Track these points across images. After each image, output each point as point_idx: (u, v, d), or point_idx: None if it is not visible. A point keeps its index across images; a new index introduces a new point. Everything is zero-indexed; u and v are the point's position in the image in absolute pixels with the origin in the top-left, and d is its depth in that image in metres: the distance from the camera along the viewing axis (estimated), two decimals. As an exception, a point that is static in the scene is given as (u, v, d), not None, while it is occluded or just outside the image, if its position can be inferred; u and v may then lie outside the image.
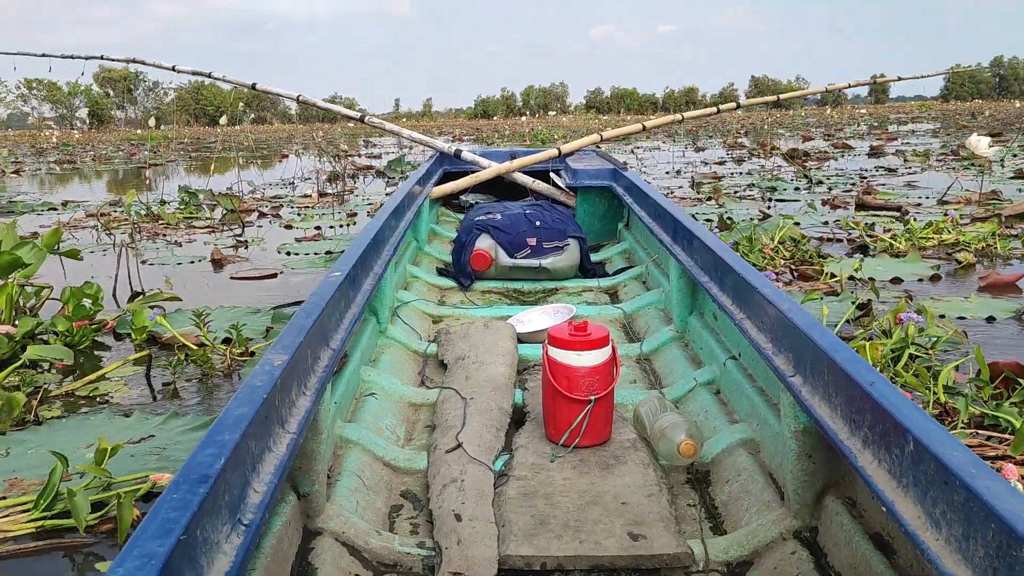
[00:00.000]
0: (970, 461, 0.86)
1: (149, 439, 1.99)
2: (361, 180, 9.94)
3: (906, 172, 8.67)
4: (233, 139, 21.67)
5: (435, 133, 31.00)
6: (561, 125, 29.12)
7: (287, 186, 9.36)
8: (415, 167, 10.70)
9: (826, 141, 15.71)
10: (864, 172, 8.76)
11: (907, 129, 20.98)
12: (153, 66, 5.08)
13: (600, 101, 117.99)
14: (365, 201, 7.46)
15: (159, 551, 0.72)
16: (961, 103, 51.98)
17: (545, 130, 21.21)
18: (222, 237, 5.53)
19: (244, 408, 1.01)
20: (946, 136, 16.32)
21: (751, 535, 1.32)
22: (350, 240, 4.75)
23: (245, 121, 22.01)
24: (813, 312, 2.57)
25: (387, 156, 14.98)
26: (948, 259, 3.94)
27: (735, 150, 13.43)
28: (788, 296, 1.50)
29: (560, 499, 1.43)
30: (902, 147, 13.07)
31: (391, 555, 1.31)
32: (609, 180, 3.87)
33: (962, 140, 13.95)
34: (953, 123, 23.01)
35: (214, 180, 9.88)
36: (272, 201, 7.69)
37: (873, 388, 1.04)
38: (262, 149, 19.77)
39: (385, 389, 1.93)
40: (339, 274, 1.73)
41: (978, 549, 0.80)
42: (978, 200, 5.87)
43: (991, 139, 5.13)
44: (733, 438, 1.61)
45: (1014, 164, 8.95)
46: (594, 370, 1.62)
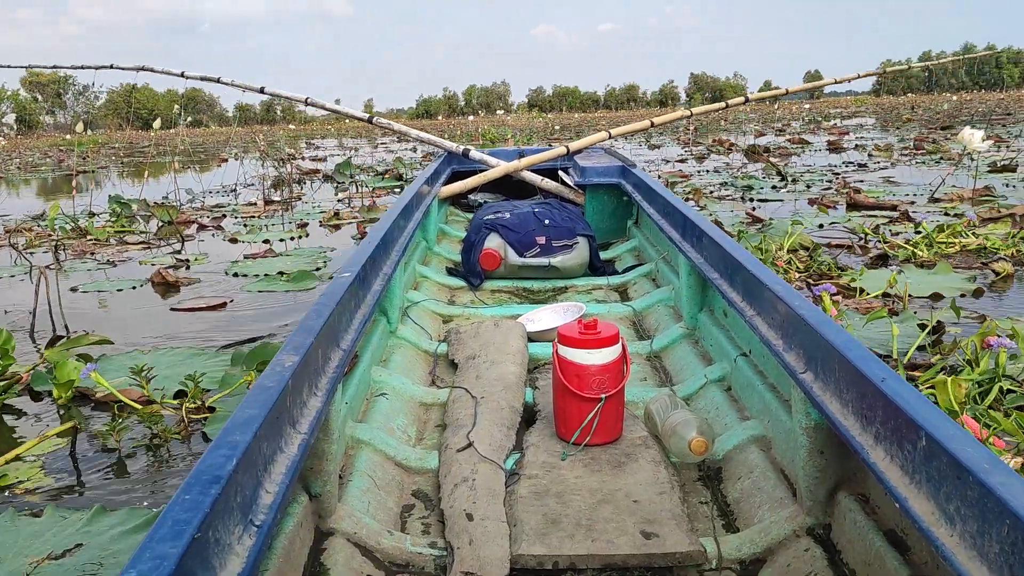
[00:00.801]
0: (984, 456, 0.85)
1: (76, 550, 1.47)
2: (308, 185, 9.45)
3: (877, 167, 8.46)
4: (168, 143, 20.84)
5: (378, 134, 30.54)
6: (507, 124, 28.69)
7: (229, 193, 8.72)
8: (364, 170, 10.43)
9: (779, 136, 15.47)
10: (834, 168, 8.56)
11: (853, 123, 20.82)
12: (162, 72, 5.11)
13: (542, 100, 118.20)
14: (316, 209, 6.93)
15: (171, 552, 0.72)
16: (893, 98, 51.73)
17: (493, 129, 20.48)
18: (159, 254, 4.96)
19: (255, 409, 1.01)
20: (896, 130, 16.15)
21: (764, 532, 1.31)
22: (305, 256, 4.44)
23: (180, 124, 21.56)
24: (880, 334, 2.47)
25: (332, 159, 14.49)
26: (981, 268, 3.53)
27: (691, 147, 13.20)
28: (798, 292, 1.49)
29: (572, 498, 1.43)
30: (859, 142, 12.86)
31: (403, 555, 1.31)
32: (618, 177, 3.86)
33: (921, 133, 13.83)
34: (895, 116, 22.87)
35: (149, 187, 9.14)
36: (213, 211, 7.12)
37: (885, 384, 1.04)
38: (199, 153, 19.01)
39: (396, 389, 1.93)
40: (349, 275, 1.73)
41: (993, 545, 0.79)
42: (971, 197, 5.63)
43: (984, 133, 4.94)
44: (744, 435, 1.61)
45: (987, 157, 8.66)
46: (604, 368, 1.62)
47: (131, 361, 2.56)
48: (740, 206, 5.78)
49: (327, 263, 4.34)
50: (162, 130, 6.77)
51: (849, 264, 3.71)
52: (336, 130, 41.46)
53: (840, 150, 11.35)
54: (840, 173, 7.94)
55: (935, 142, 11.34)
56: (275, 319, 3.23)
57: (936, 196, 5.80)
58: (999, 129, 14.18)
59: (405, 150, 16.45)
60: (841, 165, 8.88)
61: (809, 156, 10.57)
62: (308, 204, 7.37)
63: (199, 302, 3.58)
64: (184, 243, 5.36)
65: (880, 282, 3.18)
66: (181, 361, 2.62)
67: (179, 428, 2.10)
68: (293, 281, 3.85)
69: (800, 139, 13.40)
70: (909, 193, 6.13)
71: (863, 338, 2.46)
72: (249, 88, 5.07)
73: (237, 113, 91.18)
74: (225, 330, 3.09)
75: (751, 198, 6.27)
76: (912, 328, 2.52)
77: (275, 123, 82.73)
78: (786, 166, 8.70)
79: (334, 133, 35.86)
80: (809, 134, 15.79)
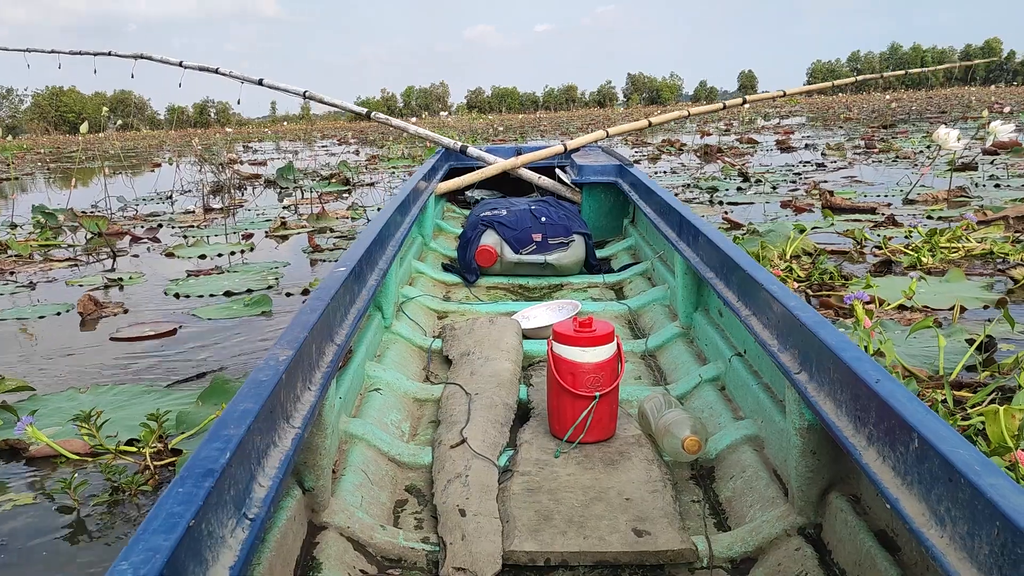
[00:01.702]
0: (975, 458, 0.85)
1: None
2: (250, 191, 8.79)
3: (835, 167, 8.33)
4: (97, 147, 19.55)
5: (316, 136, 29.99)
6: (448, 125, 28.24)
7: (164, 201, 8.10)
8: (307, 174, 10.03)
9: (726, 136, 15.22)
10: (793, 168, 8.42)
11: (790, 123, 20.64)
12: (160, 61, 5.11)
13: (481, 101, 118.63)
14: (260, 217, 6.37)
15: (164, 545, 0.72)
16: (824, 97, 51.76)
17: (436, 132, 20.80)
18: (88, 272, 4.41)
19: (249, 403, 1.01)
20: (839, 129, 15.99)
21: (755, 531, 1.32)
22: (254, 272, 4.02)
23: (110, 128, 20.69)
24: (928, 347, 2.30)
25: (273, 163, 13.70)
26: (995, 275, 3.30)
27: (640, 147, 13.02)
28: (793, 292, 1.49)
29: (564, 495, 1.43)
30: (808, 141, 12.80)
31: (395, 550, 1.31)
32: (615, 176, 3.86)
33: (865, 132, 13.72)
34: (830, 116, 22.67)
35: (76, 195, 8.30)
36: (148, 220, 6.48)
37: (879, 385, 1.04)
38: (131, 158, 18.00)
39: (390, 384, 1.93)
40: (344, 269, 1.73)
41: (983, 546, 0.80)
42: (946, 198, 5.47)
43: (958, 132, 4.85)
44: (738, 434, 1.61)
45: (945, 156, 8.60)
46: (599, 366, 1.62)
47: (67, 403, 2.25)
48: (711, 210, 5.59)
49: (279, 280, 3.90)
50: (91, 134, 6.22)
51: (853, 272, 3.45)
52: (273, 133, 40.17)
53: (790, 149, 11.22)
54: (801, 173, 7.81)
55: (885, 140, 11.28)
56: (231, 348, 2.83)
57: (910, 198, 5.67)
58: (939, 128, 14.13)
59: (348, 153, 15.74)
60: (799, 164, 8.79)
61: (762, 155, 10.38)
62: (251, 211, 6.82)
63: (142, 329, 3.09)
64: (116, 259, 4.78)
65: (893, 292, 2.93)
66: (128, 401, 2.28)
67: (146, 478, 1.77)
68: (252, 306, 3.36)
69: (749, 139, 13.27)
70: (880, 194, 6.00)
71: (905, 355, 2.24)
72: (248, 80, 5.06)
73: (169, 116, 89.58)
74: (174, 362, 2.70)
75: (720, 201, 6.05)
76: (957, 344, 2.30)
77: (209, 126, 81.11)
78: (744, 166, 8.49)
79: (271, 136, 34.64)
80: (755, 133, 15.66)
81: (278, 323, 3.15)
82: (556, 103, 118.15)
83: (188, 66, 5.06)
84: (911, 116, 18.67)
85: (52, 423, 2.12)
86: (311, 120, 77.13)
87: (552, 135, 20.68)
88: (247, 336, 2.98)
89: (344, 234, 5.33)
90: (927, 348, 2.36)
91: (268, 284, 3.81)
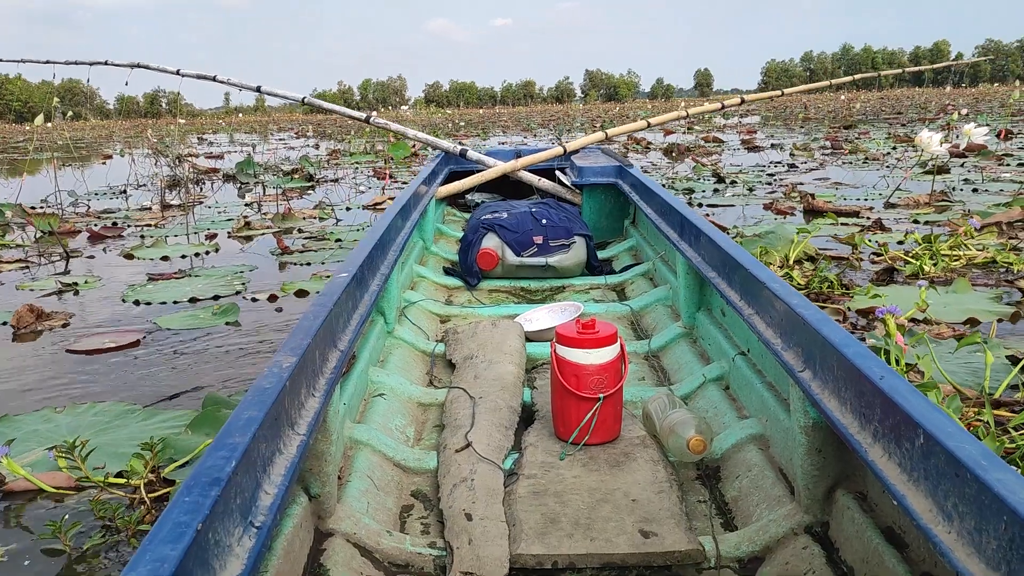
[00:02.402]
0: (981, 453, 0.85)
1: None
2: (208, 186, 8.43)
3: (806, 167, 8.18)
4: (46, 138, 18.61)
5: (272, 129, 29.32)
6: (407, 119, 27.92)
7: (118, 195, 7.69)
8: (268, 169, 9.60)
9: (688, 134, 15.06)
10: (764, 168, 8.24)
11: (749, 121, 20.47)
12: (157, 70, 5.10)
13: (439, 95, 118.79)
14: (222, 215, 6.05)
15: (171, 555, 0.72)
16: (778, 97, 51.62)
17: None
18: (40, 274, 4.10)
19: (254, 411, 1.01)
20: (800, 129, 15.78)
21: (762, 531, 1.32)
22: (219, 277, 3.79)
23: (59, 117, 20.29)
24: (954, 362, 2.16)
25: (230, 156, 13.16)
26: (1000, 286, 3.12)
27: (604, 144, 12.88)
28: (796, 290, 1.49)
29: (570, 497, 1.43)
30: (773, 140, 12.58)
31: (402, 555, 1.31)
32: (615, 177, 3.86)
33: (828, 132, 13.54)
34: (791, 116, 22.30)
35: (25, 188, 7.68)
36: (103, 217, 6.17)
37: (883, 382, 1.04)
38: (80, 149, 17.27)
39: (394, 389, 1.93)
40: (346, 275, 1.73)
41: (991, 541, 0.80)
42: (928, 202, 5.33)
43: (941, 136, 4.69)
44: (743, 434, 1.61)
45: (912, 157, 8.39)
46: (602, 368, 1.62)
47: (43, 425, 2.07)
48: None
49: (246, 285, 3.67)
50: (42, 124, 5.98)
51: (853, 280, 3.29)
52: (228, 125, 39.17)
53: (757, 149, 10.98)
54: (775, 174, 7.62)
55: (850, 141, 11.13)
56: (200, 362, 2.61)
57: (891, 201, 5.52)
58: (899, 129, 14.03)
59: (307, 147, 15.30)
60: (770, 165, 8.58)
61: (730, 155, 10.15)
62: (211, 209, 6.53)
63: (102, 340, 2.83)
64: (70, 260, 4.45)
65: (900, 302, 2.71)
66: (109, 424, 2.07)
67: (142, 514, 1.57)
68: (220, 315, 3.12)
69: (715, 138, 13.05)
70: (859, 197, 5.83)
71: (951, 371, 2.13)
72: (246, 87, 5.07)
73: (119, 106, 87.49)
74: (143, 377, 2.47)
75: (700, 203, 5.85)
76: (983, 359, 2.09)
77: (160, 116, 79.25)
78: (716, 166, 8.27)
79: (226, 128, 33.69)
80: (716, 131, 15.39)
81: (248, 333, 2.92)
82: (514, 98, 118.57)
83: (186, 74, 5.06)
84: (868, 117, 18.48)
85: (27, 448, 1.92)
86: (266, 112, 74.60)
87: (514, 131, 20.47)
88: (216, 348, 2.76)
89: (313, 235, 5.05)
90: (954, 364, 2.22)
91: (235, 290, 3.58)
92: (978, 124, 4.79)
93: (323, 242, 4.77)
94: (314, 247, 4.61)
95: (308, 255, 4.38)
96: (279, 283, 3.67)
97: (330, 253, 4.41)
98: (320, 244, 4.71)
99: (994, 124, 13.07)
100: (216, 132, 30.14)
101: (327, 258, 4.30)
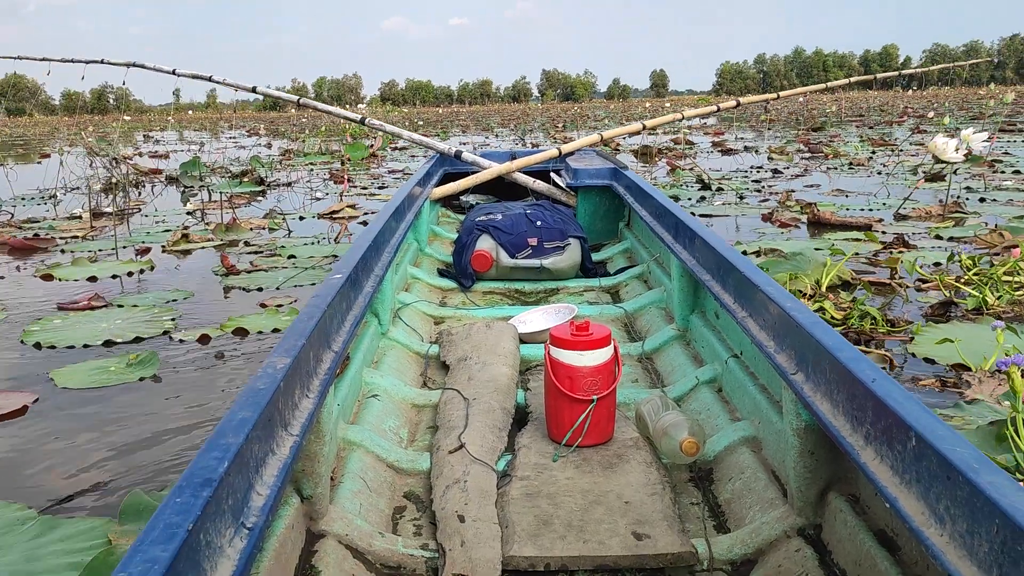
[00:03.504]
0: (973, 456, 0.85)
1: None
2: (148, 190, 7.74)
3: (792, 174, 7.69)
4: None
5: (224, 126, 28.50)
6: None
7: (47, 201, 6.86)
8: (215, 170, 8.93)
9: (653, 136, 14.24)
10: (744, 173, 7.85)
11: (713, 122, 19.89)
12: (153, 69, 5.09)
13: (395, 93, 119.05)
14: (160, 226, 5.32)
15: (162, 556, 0.72)
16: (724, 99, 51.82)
17: None
18: None
19: (247, 411, 1.01)
20: (768, 131, 15.27)
21: (755, 533, 1.32)
22: (146, 307, 3.12)
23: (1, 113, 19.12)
24: None
25: (177, 155, 12.19)
26: None
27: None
28: (790, 293, 1.50)
29: (563, 499, 1.43)
30: (742, 143, 12.15)
31: (395, 557, 1.31)
32: (610, 179, 3.87)
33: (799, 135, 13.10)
34: (752, 118, 21.64)
35: None
36: (25, 226, 5.38)
37: (875, 385, 1.04)
38: (18, 146, 16.10)
39: (387, 391, 1.93)
40: (340, 276, 1.73)
41: (982, 544, 0.80)
42: (942, 214, 4.99)
43: (956, 142, 4.26)
44: (735, 436, 1.61)
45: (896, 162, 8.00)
46: (596, 370, 1.62)
47: None
48: None
49: (176, 322, 2.94)
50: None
51: (900, 315, 2.72)
52: (177, 122, 37.70)
53: (730, 152, 10.53)
54: (760, 180, 7.13)
55: (827, 144, 10.66)
56: (107, 437, 1.98)
57: (901, 212, 5.19)
58: (867, 131, 13.71)
59: (259, 146, 14.47)
60: (752, 170, 8.11)
61: (704, 158, 9.55)
62: (148, 217, 5.80)
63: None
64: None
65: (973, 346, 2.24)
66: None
67: None
68: (135, 367, 2.45)
69: (686, 140, 12.57)
70: (863, 207, 5.44)
71: None
72: (241, 87, 5.06)
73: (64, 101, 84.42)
74: (30, 466, 1.84)
75: (693, 214, 4.77)
76: None
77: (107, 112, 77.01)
78: (696, 171, 7.73)
79: (175, 125, 32.27)
80: (683, 132, 14.77)
81: (169, 394, 2.27)
82: (471, 97, 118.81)
83: (181, 74, 5.05)
84: (831, 119, 18.01)
85: None
86: (218, 109, 71.82)
87: (473, 130, 20.18)
88: (125, 417, 2.11)
89: (262, 249, 4.38)
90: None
91: (163, 328, 2.86)
92: (976, 130, 4.69)
93: (274, 259, 4.12)
94: (264, 264, 3.97)
95: (257, 277, 3.68)
96: (221, 315, 3.01)
97: (283, 274, 3.70)
98: (271, 261, 4.06)
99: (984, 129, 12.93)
100: (164, 129, 28.76)
101: (282, 280, 3.55)
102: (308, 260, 4.07)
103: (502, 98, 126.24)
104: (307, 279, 3.64)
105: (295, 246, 4.48)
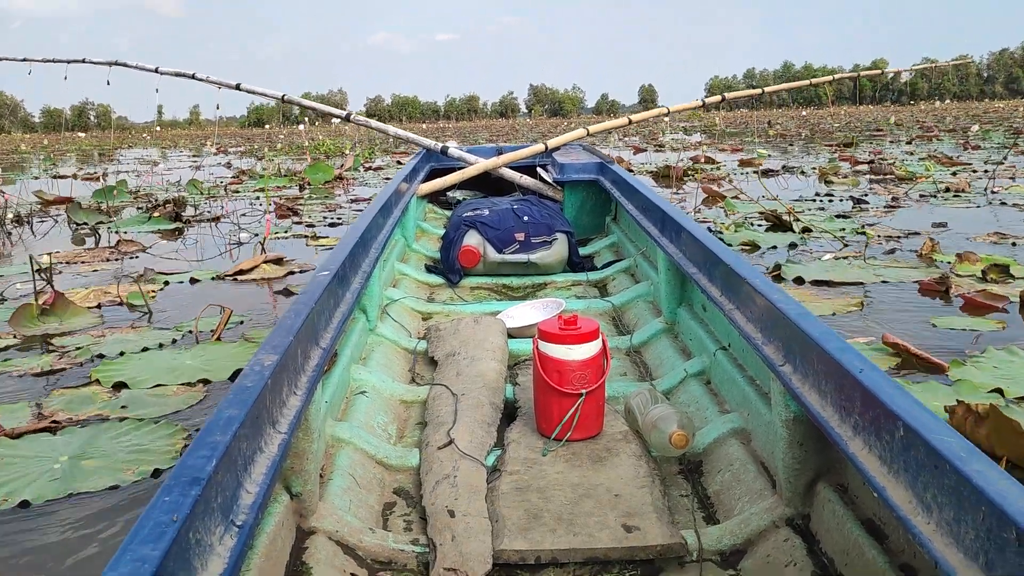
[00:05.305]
0: (960, 445, 0.86)
1: None
2: (43, 226, 5.98)
3: (882, 204, 5.75)
4: None
5: (203, 143, 27.47)
6: (344, 134, 26.04)
7: None
8: (138, 195, 7.78)
9: (661, 151, 13.39)
10: (811, 201, 6.01)
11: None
12: (135, 68, 5.05)
13: (381, 109, 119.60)
14: (19, 289, 3.58)
15: (152, 555, 0.72)
16: (733, 112, 52.39)
17: (328, 140, 17.72)
18: None
19: (235, 409, 1.01)
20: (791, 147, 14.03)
21: (744, 524, 1.33)
22: None
23: None
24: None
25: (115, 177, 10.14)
26: None
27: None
28: (777, 286, 1.50)
29: (553, 493, 1.43)
30: (785, 162, 10.05)
31: (385, 553, 1.31)
32: (596, 174, 3.87)
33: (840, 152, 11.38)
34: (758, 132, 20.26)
35: None
36: None
37: (863, 375, 1.05)
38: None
39: (376, 387, 1.93)
40: (327, 273, 1.72)
41: (969, 532, 0.81)
42: None
43: None
44: (724, 428, 1.62)
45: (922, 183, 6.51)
46: (585, 363, 1.62)
47: None
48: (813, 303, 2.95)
49: None
50: None
51: None
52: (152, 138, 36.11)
53: (769, 173, 8.40)
54: (845, 215, 5.22)
55: (895, 163, 8.39)
56: None
57: None
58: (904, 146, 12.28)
59: (219, 165, 13.23)
60: (818, 198, 6.15)
61: (744, 181, 7.63)
62: (11, 267, 4.25)
63: None
64: None
65: None
66: None
67: None
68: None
69: (707, 157, 10.43)
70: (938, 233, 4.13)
71: None
72: (225, 85, 5.03)
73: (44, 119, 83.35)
74: None
75: (799, 278, 3.35)
76: None
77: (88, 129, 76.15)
78: (738, 198, 5.96)
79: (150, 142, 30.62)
80: (693, 148, 13.53)
81: None
82: (458, 113, 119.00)
83: (164, 72, 5.01)
84: (847, 133, 16.83)
85: None
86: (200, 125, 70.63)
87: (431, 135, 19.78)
88: None
89: (70, 364, 2.51)
90: None
91: None
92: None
93: (86, 392, 2.26)
94: (60, 411, 2.10)
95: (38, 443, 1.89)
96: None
97: (76, 442, 1.88)
98: (77, 402, 2.17)
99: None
100: (131, 147, 27.52)
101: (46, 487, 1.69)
102: (150, 398, 2.20)
103: (489, 114, 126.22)
104: (109, 472, 1.76)
105: (137, 356, 2.56)
